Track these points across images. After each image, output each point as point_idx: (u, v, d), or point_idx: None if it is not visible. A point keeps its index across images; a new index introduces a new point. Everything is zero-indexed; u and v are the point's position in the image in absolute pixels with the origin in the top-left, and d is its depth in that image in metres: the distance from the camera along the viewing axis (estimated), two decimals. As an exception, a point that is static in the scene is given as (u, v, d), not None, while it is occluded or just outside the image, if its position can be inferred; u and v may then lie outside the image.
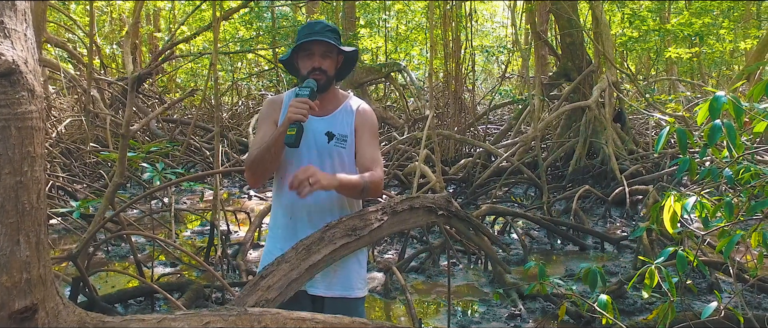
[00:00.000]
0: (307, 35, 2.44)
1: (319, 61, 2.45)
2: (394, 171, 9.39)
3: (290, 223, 2.49)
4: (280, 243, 2.47)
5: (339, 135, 2.51)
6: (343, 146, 2.51)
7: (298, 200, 2.36)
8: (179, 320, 1.50)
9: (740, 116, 2.12)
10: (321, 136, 2.50)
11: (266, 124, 2.54)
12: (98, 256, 6.26)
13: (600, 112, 9.55)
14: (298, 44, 2.45)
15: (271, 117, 2.55)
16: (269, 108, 2.60)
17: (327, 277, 2.39)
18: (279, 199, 2.56)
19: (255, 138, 2.57)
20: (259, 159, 2.41)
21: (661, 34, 12.56)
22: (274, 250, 2.46)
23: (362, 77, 13.48)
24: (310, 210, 2.46)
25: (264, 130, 2.53)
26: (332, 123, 2.52)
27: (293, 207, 2.48)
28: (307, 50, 2.46)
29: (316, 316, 1.60)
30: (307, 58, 2.48)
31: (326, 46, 2.45)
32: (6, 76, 1.36)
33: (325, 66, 2.46)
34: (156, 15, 19.96)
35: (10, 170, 1.38)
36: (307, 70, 2.46)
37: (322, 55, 2.46)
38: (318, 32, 2.44)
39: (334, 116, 2.54)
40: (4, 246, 1.37)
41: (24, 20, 1.43)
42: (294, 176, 2.22)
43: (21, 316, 1.38)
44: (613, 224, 7.85)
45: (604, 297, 2.55)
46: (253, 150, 2.47)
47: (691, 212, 2.37)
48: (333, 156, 2.49)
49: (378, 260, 6.25)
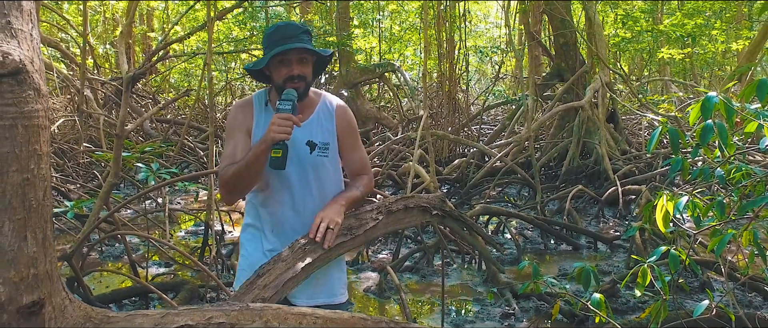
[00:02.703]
0: (281, 40, 2.23)
1: (297, 68, 2.25)
2: (388, 171, 9.40)
3: (272, 237, 2.35)
4: (261, 249, 2.35)
5: (321, 144, 2.35)
6: (326, 155, 2.36)
7: (283, 218, 2.31)
8: (182, 315, 1.52)
9: (732, 117, 2.14)
10: (302, 146, 2.32)
11: (238, 135, 2.32)
12: (92, 256, 6.25)
13: (593, 113, 9.59)
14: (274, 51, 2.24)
15: (243, 126, 2.33)
16: (240, 115, 2.36)
17: (309, 286, 2.26)
18: (259, 213, 2.39)
19: (225, 150, 2.33)
20: (237, 178, 2.20)
21: (654, 35, 12.61)
22: (255, 254, 2.35)
23: (356, 77, 13.50)
24: (295, 227, 2.32)
25: (235, 141, 2.31)
26: (311, 130, 2.35)
27: (280, 224, 2.34)
28: (281, 56, 2.25)
29: (316, 311, 1.62)
30: (282, 65, 2.25)
31: (303, 50, 2.26)
32: (13, 75, 1.38)
33: (304, 72, 2.28)
34: (149, 15, 19.90)
35: (17, 167, 1.40)
36: (283, 79, 2.25)
37: (299, 62, 2.26)
38: (293, 36, 2.24)
39: (312, 122, 2.36)
40: (11, 242, 1.39)
41: (30, 20, 1.45)
42: (315, 229, 2.15)
43: (28, 311, 1.40)
44: (606, 224, 7.88)
45: (598, 296, 2.57)
46: (227, 167, 2.23)
47: (683, 211, 2.39)
48: (316, 167, 2.35)
49: (372, 259, 6.27)
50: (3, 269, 1.38)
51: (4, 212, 1.38)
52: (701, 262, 5.09)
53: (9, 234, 1.39)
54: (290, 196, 2.33)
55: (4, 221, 1.38)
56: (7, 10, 1.40)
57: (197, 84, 13.57)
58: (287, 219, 2.33)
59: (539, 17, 13.68)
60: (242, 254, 2.43)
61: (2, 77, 1.36)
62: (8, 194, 1.39)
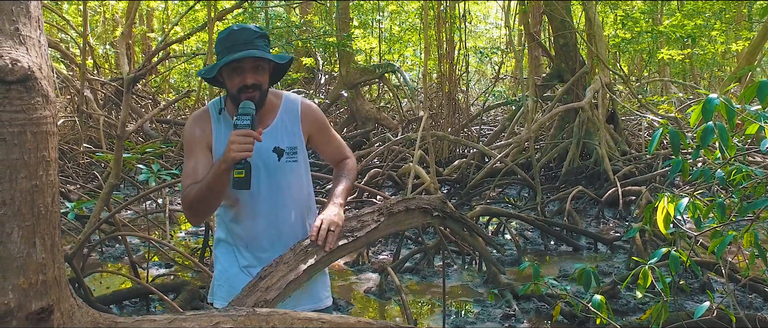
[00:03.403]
0: (234, 47, 2.08)
1: (251, 77, 2.10)
2: (388, 172, 9.41)
3: (247, 253, 2.28)
4: (237, 264, 2.28)
5: (288, 148, 2.24)
6: (295, 160, 2.26)
7: (258, 231, 2.24)
8: (190, 321, 1.52)
9: (732, 118, 2.14)
10: (269, 154, 2.21)
11: (198, 151, 2.18)
12: (93, 257, 6.25)
13: (593, 114, 9.60)
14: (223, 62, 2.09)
15: (202, 140, 2.20)
16: (197, 130, 2.22)
17: (294, 293, 2.15)
18: (231, 229, 2.29)
19: (186, 168, 2.19)
20: (200, 199, 2.07)
21: (654, 36, 12.63)
22: (231, 269, 2.28)
23: (356, 78, 13.50)
24: (271, 239, 2.26)
25: (196, 158, 2.18)
26: (276, 135, 2.23)
27: (255, 239, 2.26)
28: (233, 64, 2.10)
29: (322, 316, 1.63)
30: (234, 73, 2.10)
31: (256, 58, 2.11)
32: (22, 82, 1.38)
33: (259, 80, 2.12)
34: (149, 15, 19.91)
35: (26, 174, 1.40)
36: (237, 88, 2.10)
37: (253, 70, 2.11)
38: (247, 42, 2.09)
39: (276, 127, 2.24)
40: (21, 248, 1.39)
41: (38, 27, 1.46)
42: (316, 234, 2.08)
43: (37, 317, 1.41)
44: (606, 225, 7.89)
45: (598, 297, 2.57)
46: (189, 188, 2.11)
47: (683, 212, 2.39)
48: (286, 173, 2.25)
49: (373, 260, 6.27)
50: (12, 275, 1.38)
51: (13, 218, 1.38)
52: (702, 263, 5.09)
53: (18, 241, 1.39)
54: (264, 207, 2.24)
55: (13, 227, 1.38)
56: (16, 17, 1.41)
57: (197, 85, 13.58)
58: (263, 231, 2.25)
59: (539, 18, 13.68)
60: (218, 268, 2.34)
61: (11, 84, 1.36)
62: (17, 200, 1.39)
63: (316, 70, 16.21)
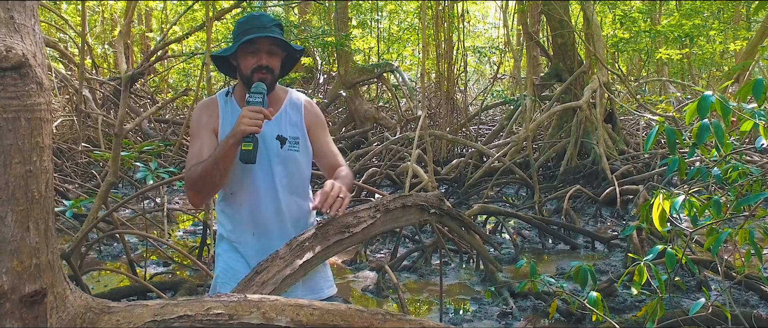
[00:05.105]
0: (252, 29, 2.20)
1: (266, 59, 2.21)
2: (386, 171, 9.42)
3: (253, 239, 2.30)
4: (242, 259, 2.30)
5: (291, 138, 2.31)
6: (297, 149, 2.32)
7: (264, 217, 2.26)
8: (181, 306, 1.55)
9: (727, 116, 2.15)
10: (272, 141, 2.28)
11: (204, 134, 2.26)
12: (91, 255, 6.25)
13: (591, 113, 9.61)
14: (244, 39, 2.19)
15: (209, 125, 2.28)
16: (204, 114, 2.31)
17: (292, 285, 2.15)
18: (236, 219, 2.32)
19: (191, 151, 2.26)
20: (205, 176, 2.12)
21: (652, 36, 12.64)
22: (236, 265, 2.30)
23: (355, 78, 13.51)
24: (275, 226, 2.29)
25: (201, 140, 2.25)
26: (280, 125, 2.31)
27: (263, 225, 2.28)
28: (251, 46, 2.21)
29: (313, 303, 1.64)
30: (250, 55, 2.22)
31: (273, 41, 2.22)
32: (16, 69, 1.41)
33: (272, 64, 2.23)
34: (148, 15, 19.90)
35: (20, 159, 1.43)
36: (251, 69, 2.22)
37: (269, 52, 2.23)
38: (265, 27, 2.21)
39: (281, 117, 2.32)
40: (14, 232, 1.43)
41: (32, 16, 1.49)
42: (323, 200, 2.06)
43: (31, 299, 1.44)
44: (603, 224, 7.90)
45: (595, 295, 2.58)
46: (193, 167, 2.17)
47: (680, 210, 2.40)
48: (287, 162, 2.30)
49: (370, 259, 6.28)
50: (6, 258, 1.42)
51: (7, 203, 1.41)
52: (698, 261, 5.10)
53: (12, 225, 1.42)
54: (267, 192, 2.28)
55: (7, 212, 1.42)
56: (11, 5, 1.44)
57: (195, 84, 13.58)
58: (269, 217, 2.28)
59: (537, 18, 13.70)
60: (220, 265, 2.35)
61: (6, 71, 1.39)
62: (11, 185, 1.42)
63: (314, 70, 16.22)
